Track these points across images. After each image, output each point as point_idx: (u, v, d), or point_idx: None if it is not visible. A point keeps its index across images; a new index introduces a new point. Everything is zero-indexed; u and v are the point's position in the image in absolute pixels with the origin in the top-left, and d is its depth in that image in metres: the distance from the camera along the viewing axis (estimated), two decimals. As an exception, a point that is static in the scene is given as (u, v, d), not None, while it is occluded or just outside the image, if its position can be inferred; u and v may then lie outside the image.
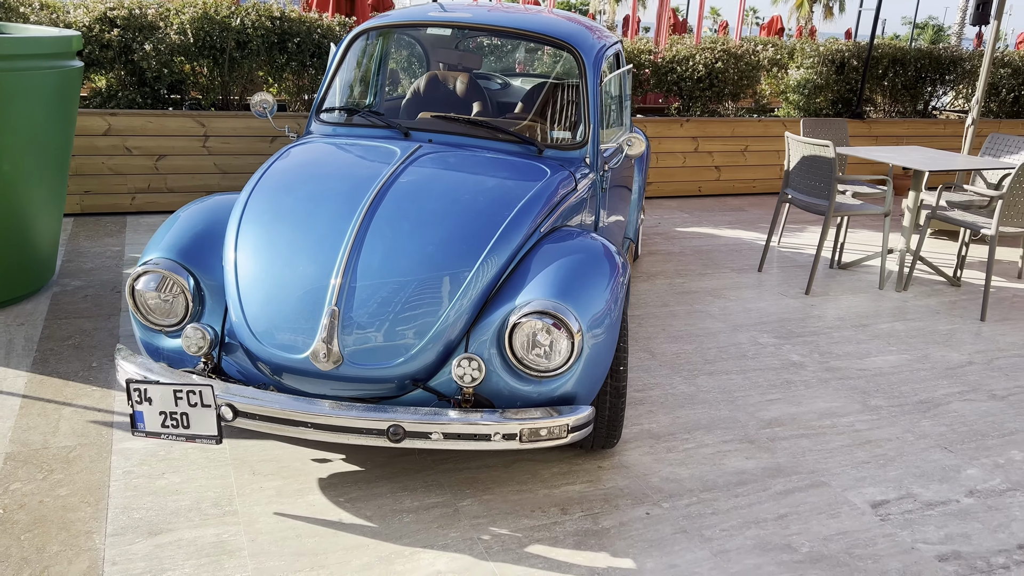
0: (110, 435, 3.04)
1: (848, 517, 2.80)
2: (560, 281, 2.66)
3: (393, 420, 2.45)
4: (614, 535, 2.63)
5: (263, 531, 2.55)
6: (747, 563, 2.53)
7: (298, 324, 2.59)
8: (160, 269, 2.73)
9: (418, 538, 2.56)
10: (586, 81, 3.60)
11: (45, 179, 4.11)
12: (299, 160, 3.22)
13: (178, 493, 2.72)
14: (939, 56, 8.84)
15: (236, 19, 5.83)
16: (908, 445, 3.33)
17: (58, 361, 3.60)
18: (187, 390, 2.52)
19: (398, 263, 2.66)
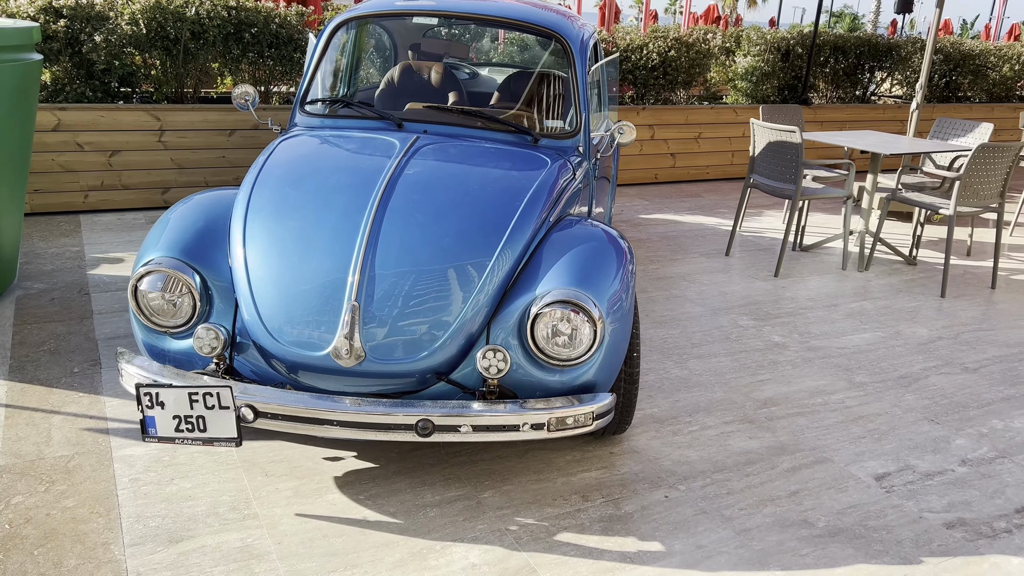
0: (107, 442, 2.93)
1: (855, 491, 2.90)
2: (578, 269, 2.67)
3: (422, 415, 2.42)
4: (638, 519, 2.66)
5: (288, 533, 2.50)
6: (770, 540, 2.59)
7: (317, 320, 2.54)
8: (165, 268, 2.64)
9: (446, 532, 2.54)
10: (575, 69, 3.61)
11: (6, 179, 3.92)
12: (297, 153, 3.14)
13: (191, 499, 2.64)
14: (877, 44, 9.14)
15: (191, 8, 5.64)
16: (897, 419, 3.45)
17: (36, 368, 3.45)
18: (203, 392, 2.45)
19: (416, 256, 2.63)
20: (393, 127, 3.42)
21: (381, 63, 4.70)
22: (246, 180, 2.97)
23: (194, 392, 2.45)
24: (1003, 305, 4.99)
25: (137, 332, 2.75)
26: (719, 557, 2.49)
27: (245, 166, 6.11)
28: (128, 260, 4.83)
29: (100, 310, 4.08)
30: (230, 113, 5.98)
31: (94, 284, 4.42)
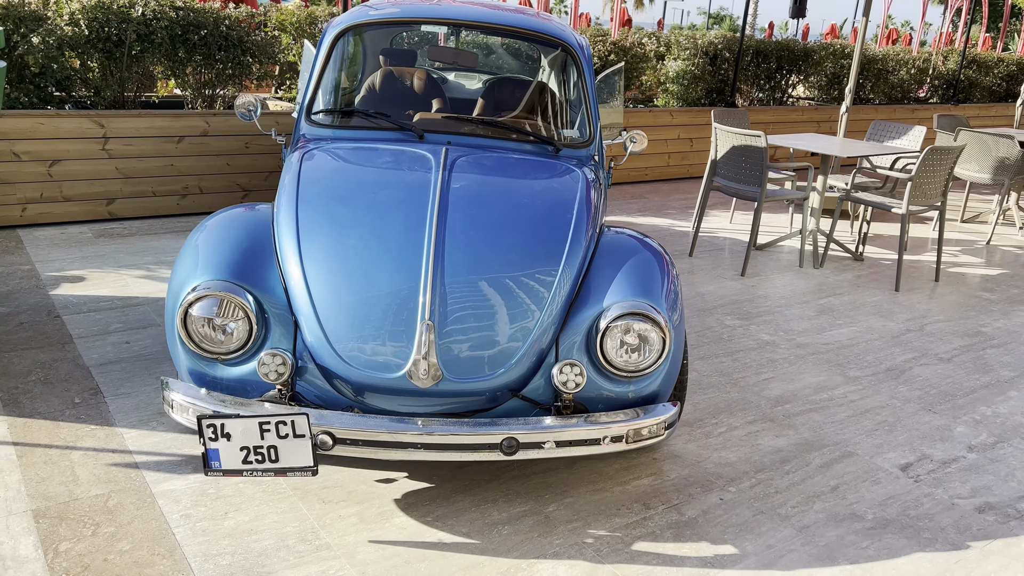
0: (141, 477, 2.75)
1: (887, 482, 3.05)
2: (638, 280, 2.70)
3: (507, 433, 2.40)
4: (703, 524, 2.72)
5: (368, 561, 2.42)
6: (830, 535, 2.70)
7: (389, 341, 2.47)
8: (219, 292, 2.50)
9: (526, 549, 2.53)
10: (583, 77, 3.64)
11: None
12: (332, 167, 3.04)
13: (254, 532, 2.52)
14: (795, 49, 9.59)
15: (137, 9, 5.34)
16: (899, 411, 3.65)
17: (32, 400, 3.20)
18: (276, 421, 2.35)
19: (484, 271, 2.59)
20: (414, 138, 3.36)
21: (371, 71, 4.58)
22: (284, 196, 2.85)
23: (265, 421, 2.35)
24: (951, 297, 5.34)
25: (182, 360, 2.60)
26: (790, 555, 2.58)
27: (194, 174, 5.84)
28: (90, 278, 4.53)
29: (79, 334, 3.81)
30: (178, 119, 5.69)
31: (62, 306, 4.13)
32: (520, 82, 4.17)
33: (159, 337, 3.84)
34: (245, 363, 2.56)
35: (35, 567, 2.29)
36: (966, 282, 5.70)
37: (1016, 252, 6.69)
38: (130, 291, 4.38)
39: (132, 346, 3.73)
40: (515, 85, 4.09)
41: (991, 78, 12.50)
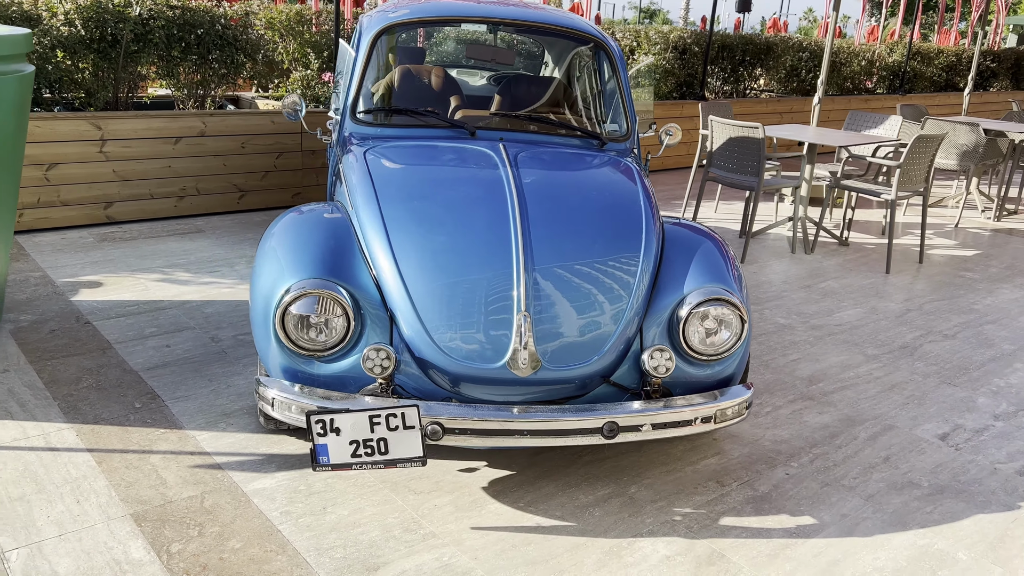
0: (227, 477, 2.76)
1: (932, 451, 3.24)
2: (711, 268, 2.82)
3: (608, 418, 2.49)
4: (777, 497, 2.86)
5: (476, 547, 2.49)
6: (895, 503, 2.87)
7: (488, 332, 2.53)
8: (317, 290, 2.53)
9: (623, 528, 2.63)
10: (617, 72, 3.74)
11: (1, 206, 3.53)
12: (404, 166, 3.08)
13: (358, 525, 2.56)
14: (758, 43, 9.87)
15: (135, 8, 5.24)
16: (923, 385, 3.86)
17: (91, 407, 3.16)
18: (386, 414, 2.40)
19: (571, 262, 2.68)
20: (465, 135, 3.41)
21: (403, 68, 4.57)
22: (360, 196, 2.88)
23: (375, 415, 2.40)
24: (938, 278, 5.63)
25: (274, 359, 2.62)
26: (865, 523, 2.74)
27: (192, 176, 5.76)
28: (107, 283, 4.45)
29: (116, 339, 3.76)
30: (175, 120, 5.61)
31: (88, 312, 4.06)
32: (542, 79, 4.25)
33: (198, 340, 3.82)
34: (342, 359, 2.59)
35: (153, 569, 2.30)
36: (947, 263, 6.00)
37: (983, 233, 7.05)
38: (152, 295, 4.32)
39: (174, 350, 3.70)
40: (539, 81, 4.17)
41: (933, 69, 13.06)
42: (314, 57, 6.57)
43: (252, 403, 3.26)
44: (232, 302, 4.29)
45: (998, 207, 7.53)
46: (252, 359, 3.65)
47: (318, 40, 6.58)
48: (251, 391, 3.35)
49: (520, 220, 2.74)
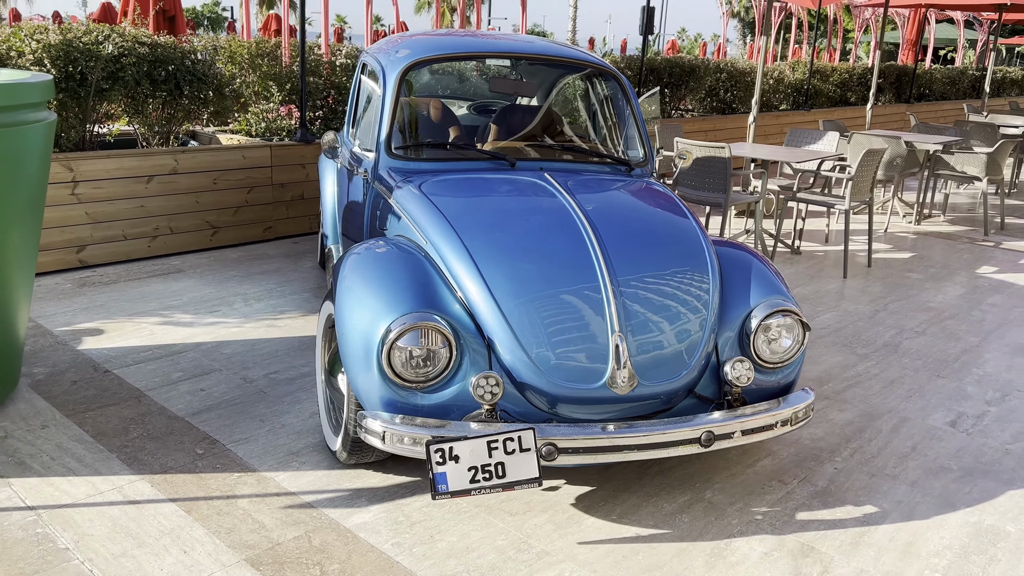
0: (323, 515, 2.78)
1: (948, 438, 3.56)
2: (770, 282, 3.04)
3: (705, 427, 2.66)
4: (836, 490, 3.09)
5: (592, 561, 2.60)
6: (937, 486, 3.15)
7: (586, 354, 2.67)
8: (422, 323, 2.60)
9: (715, 531, 2.79)
10: (631, 102, 3.95)
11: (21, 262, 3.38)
12: (469, 198, 3.18)
13: (472, 550, 2.63)
14: (682, 65, 10.37)
15: (107, 46, 5.10)
16: (917, 378, 4.21)
17: (153, 457, 3.09)
18: (504, 438, 2.50)
19: (651, 283, 2.84)
20: (505, 166, 3.54)
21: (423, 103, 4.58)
22: (434, 229, 2.96)
23: (493, 440, 2.49)
24: (889, 280, 6.09)
25: (375, 392, 2.66)
26: (920, 507, 3.01)
27: (165, 215, 5.62)
28: (108, 329, 4.32)
29: (146, 387, 3.67)
30: (147, 158, 5.47)
31: (103, 360, 3.93)
32: (592, 109, 4.33)
33: (230, 382, 3.77)
34: (443, 388, 2.67)
35: (292, 611, 2.31)
36: (892, 266, 6.50)
37: (910, 237, 7.65)
38: (161, 339, 4.22)
39: (210, 393, 3.64)
40: (557, 112, 4.32)
41: (829, 86, 13.99)
42: (276, 90, 6.53)
43: (316, 440, 3.26)
44: (247, 341, 4.24)
45: (918, 212, 8.17)
46: (295, 397, 3.64)
47: (278, 72, 6.55)
48: (308, 428, 3.35)
49: (598, 245, 2.88)
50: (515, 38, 4.02)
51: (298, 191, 6.36)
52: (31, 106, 3.16)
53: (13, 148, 3.06)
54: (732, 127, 10.90)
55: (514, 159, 3.55)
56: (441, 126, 4.22)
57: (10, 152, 3.05)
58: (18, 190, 3.15)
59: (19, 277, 3.31)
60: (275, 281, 5.26)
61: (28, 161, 3.17)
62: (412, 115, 3.97)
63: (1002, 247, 7.35)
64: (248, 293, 5.01)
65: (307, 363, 4.01)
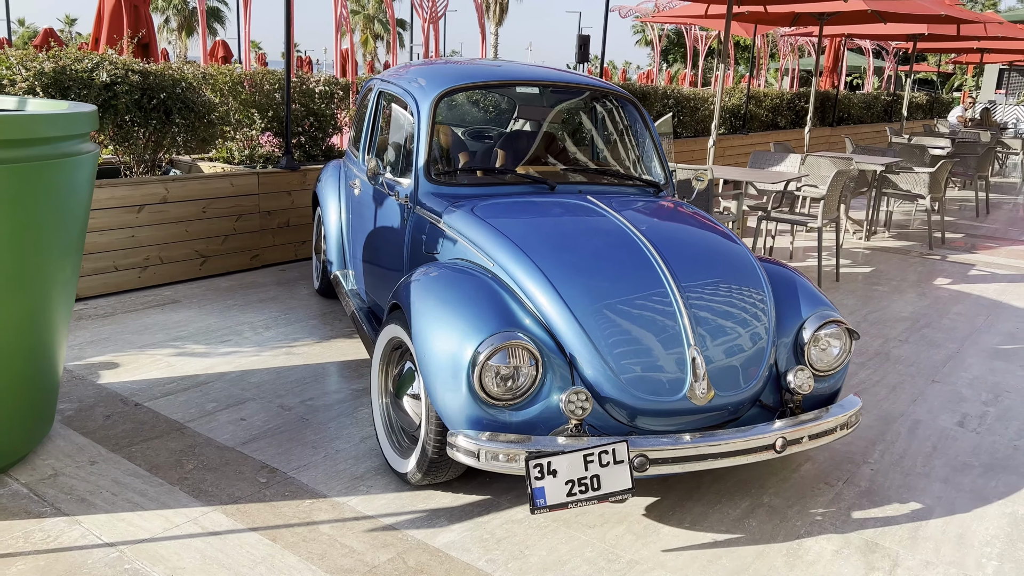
0: (409, 537, 2.80)
1: (961, 437, 3.82)
2: (815, 295, 3.23)
3: (780, 434, 2.81)
4: (878, 489, 3.29)
5: (680, 567, 2.71)
6: (966, 482, 3.38)
7: (665, 368, 2.79)
8: (511, 342, 2.67)
9: (784, 533, 2.94)
10: (649, 128, 4.13)
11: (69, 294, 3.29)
12: (527, 221, 3.27)
13: (565, 563, 2.70)
14: (634, 91, 10.70)
15: (102, 74, 5.00)
16: (916, 383, 4.49)
17: (216, 488, 3.06)
18: (599, 451, 2.60)
19: (716, 298, 2.99)
20: (545, 189, 3.65)
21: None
22: (502, 251, 3.04)
23: (589, 453, 2.59)
24: (860, 292, 6.44)
25: (462, 411, 2.71)
26: (958, 501, 3.22)
27: (155, 244, 5.50)
28: (123, 363, 4.21)
29: (184, 419, 3.61)
30: (138, 187, 5.36)
31: (130, 394, 3.85)
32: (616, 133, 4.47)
33: (268, 410, 3.74)
34: (529, 405, 2.74)
35: (413, 630, 2.33)
36: (857, 280, 6.86)
37: (863, 252, 8.07)
38: (181, 371, 4.15)
39: (252, 422, 3.61)
40: (585, 137, 4.45)
41: (762, 110, 14.63)
42: (259, 117, 6.48)
43: (376, 464, 3.28)
44: (271, 370, 4.21)
45: (867, 229, 8.64)
46: (339, 423, 3.64)
47: (260, 100, 6.51)
48: (363, 453, 3.36)
49: (662, 262, 3.01)
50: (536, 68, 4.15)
51: (284, 218, 6.32)
52: (80, 137, 3.11)
53: (68, 179, 3.00)
54: (679, 150, 11.29)
55: (554, 183, 3.67)
56: (472, 152, 4.31)
57: (65, 183, 2.99)
58: (70, 223, 3.09)
59: (63, 312, 3.23)
60: (277, 309, 5.21)
61: (79, 193, 3.11)
62: (447, 141, 4.04)
63: (948, 260, 7.84)
64: (254, 322, 4.95)
65: (339, 389, 4.00)
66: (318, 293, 5.55)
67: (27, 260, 2.90)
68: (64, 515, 2.83)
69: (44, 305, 3.06)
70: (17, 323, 2.96)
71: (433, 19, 10.07)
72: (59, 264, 3.09)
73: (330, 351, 4.52)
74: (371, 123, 4.45)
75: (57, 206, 2.98)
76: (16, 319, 2.95)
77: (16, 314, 2.94)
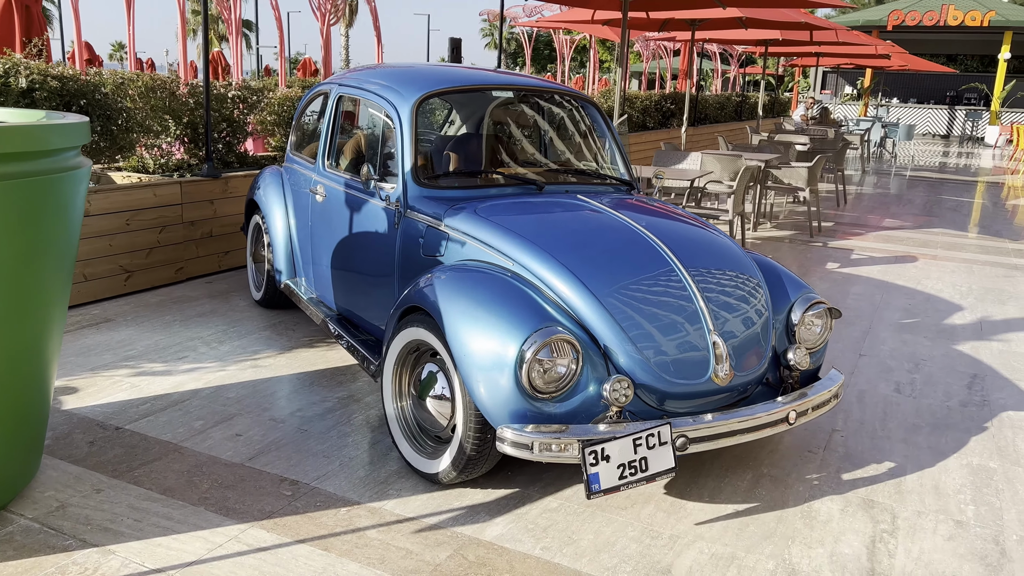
0: (458, 533, 2.86)
1: (902, 403, 4.25)
2: (794, 279, 3.52)
3: (791, 407, 3.07)
4: (854, 453, 3.62)
5: (717, 536, 2.91)
6: (921, 440, 3.79)
7: (692, 353, 2.99)
8: (555, 336, 2.78)
9: (793, 499, 3.20)
10: (611, 129, 4.33)
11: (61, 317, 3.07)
12: (537, 220, 3.37)
13: (613, 543, 2.84)
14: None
15: (20, 79, 4.66)
16: (848, 358, 4.93)
17: (243, 505, 2.98)
18: (646, 435, 2.77)
19: (723, 286, 3.21)
20: (532, 190, 3.77)
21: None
22: (521, 250, 3.13)
23: (637, 437, 2.75)
24: (767, 279, 6.93)
25: (506, 406, 2.79)
26: (921, 457, 3.61)
27: (81, 260, 5.17)
28: (82, 387, 3.97)
29: (176, 439, 3.47)
30: (59, 201, 5.02)
31: (105, 417, 3.64)
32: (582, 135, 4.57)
33: (260, 424, 3.65)
34: (572, 396, 2.86)
35: (501, 620, 2.40)
36: (760, 268, 7.38)
37: (755, 242, 8.67)
38: (148, 391, 3.96)
39: (250, 437, 3.52)
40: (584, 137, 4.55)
41: (635, 111, 15.29)
42: (173, 125, 6.20)
43: (395, 467, 3.29)
44: (246, 384, 4.09)
45: (755, 220, 9.28)
46: (339, 431, 3.60)
47: (174, 107, 6.23)
48: (377, 458, 3.36)
49: (675, 256, 3.21)
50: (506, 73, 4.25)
51: (207, 229, 6.08)
52: (75, 149, 2.94)
53: (70, 195, 2.84)
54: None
55: (543, 182, 3.79)
56: (451, 155, 4.34)
57: (67, 199, 2.82)
58: (65, 241, 2.90)
59: (58, 336, 3.03)
60: (223, 323, 5.04)
61: (74, 209, 2.94)
62: (428, 146, 4.07)
63: (830, 246, 8.55)
64: (204, 337, 4.77)
65: (325, 399, 3.95)
66: (259, 304, 5.39)
67: (30, 283, 2.72)
68: (93, 546, 2.69)
69: (44, 331, 2.88)
70: (17, 351, 2.76)
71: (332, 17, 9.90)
72: (60, 287, 2.91)
73: (297, 361, 4.43)
74: (331, 128, 4.41)
75: (61, 224, 2.82)
76: (17, 347, 2.75)
77: (17, 342, 2.75)
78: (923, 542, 2.95)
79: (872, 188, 13.82)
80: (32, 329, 2.79)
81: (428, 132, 3.96)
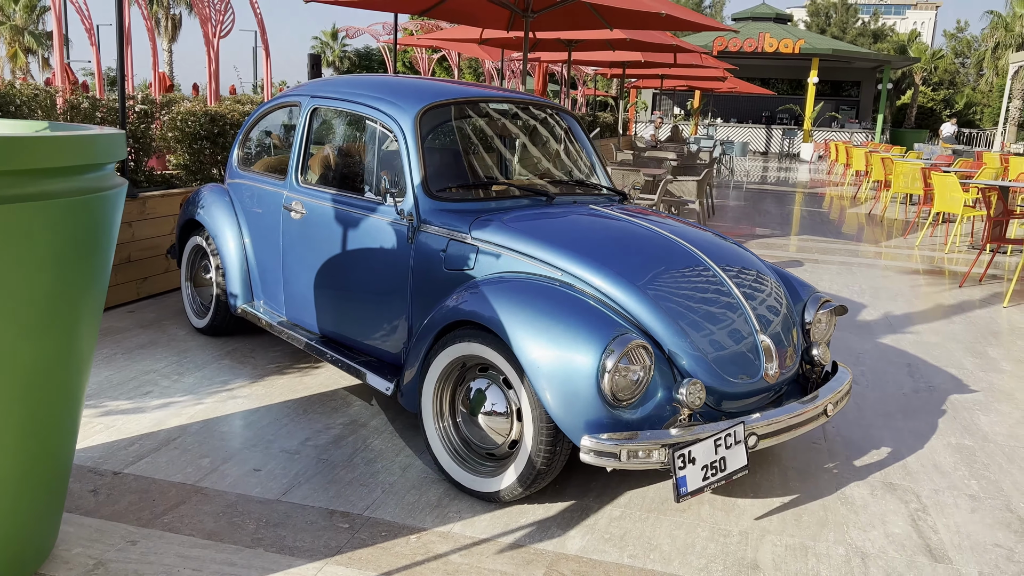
0: (540, 550, 2.80)
1: (868, 394, 4.58)
2: (802, 281, 3.73)
3: (825, 402, 3.24)
4: (855, 442, 3.87)
5: (780, 528, 3.02)
6: (901, 426, 4.10)
7: (746, 354, 3.09)
8: (633, 343, 2.80)
9: (825, 487, 3.37)
10: (590, 140, 4.41)
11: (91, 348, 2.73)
12: (572, 230, 3.38)
13: (693, 545, 2.88)
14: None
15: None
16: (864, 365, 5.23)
17: (303, 542, 2.78)
18: (725, 435, 2.85)
19: (758, 289, 3.34)
20: (541, 201, 3.76)
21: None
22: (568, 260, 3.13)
23: (718, 437, 2.83)
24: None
25: (583, 415, 2.77)
26: (909, 441, 3.90)
27: None
28: (48, 430, 3.54)
29: (190, 479, 3.18)
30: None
31: (98, 462, 3.27)
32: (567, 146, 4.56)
33: (272, 457, 3.41)
34: (647, 401, 2.88)
35: (631, 630, 2.38)
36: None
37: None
38: (129, 431, 3.60)
39: (271, 471, 3.28)
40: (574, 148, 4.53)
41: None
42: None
43: (443, 489, 3.17)
44: (233, 416, 3.80)
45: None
46: (363, 457, 3.43)
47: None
48: (420, 481, 3.23)
49: (714, 262, 3.31)
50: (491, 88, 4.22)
51: (124, 254, 5.60)
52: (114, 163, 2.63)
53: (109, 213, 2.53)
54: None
55: (554, 193, 3.80)
56: (459, 167, 4.21)
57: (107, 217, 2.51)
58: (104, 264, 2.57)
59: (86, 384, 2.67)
60: (169, 354, 4.64)
61: (114, 235, 2.62)
62: (436, 157, 3.96)
63: (723, 255, 9.04)
64: (158, 370, 4.38)
65: (329, 425, 3.75)
66: (204, 332, 5.01)
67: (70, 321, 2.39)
68: (161, 603, 2.41)
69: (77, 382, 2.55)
70: (53, 402, 2.44)
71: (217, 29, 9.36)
72: (93, 329, 2.59)
73: (276, 390, 4.17)
74: (303, 142, 4.20)
75: (105, 253, 2.51)
76: (52, 399, 2.43)
77: (54, 393, 2.42)
78: (954, 516, 3.20)
79: (728, 200, 14.75)
80: (68, 376, 2.47)
81: (427, 145, 3.85)
